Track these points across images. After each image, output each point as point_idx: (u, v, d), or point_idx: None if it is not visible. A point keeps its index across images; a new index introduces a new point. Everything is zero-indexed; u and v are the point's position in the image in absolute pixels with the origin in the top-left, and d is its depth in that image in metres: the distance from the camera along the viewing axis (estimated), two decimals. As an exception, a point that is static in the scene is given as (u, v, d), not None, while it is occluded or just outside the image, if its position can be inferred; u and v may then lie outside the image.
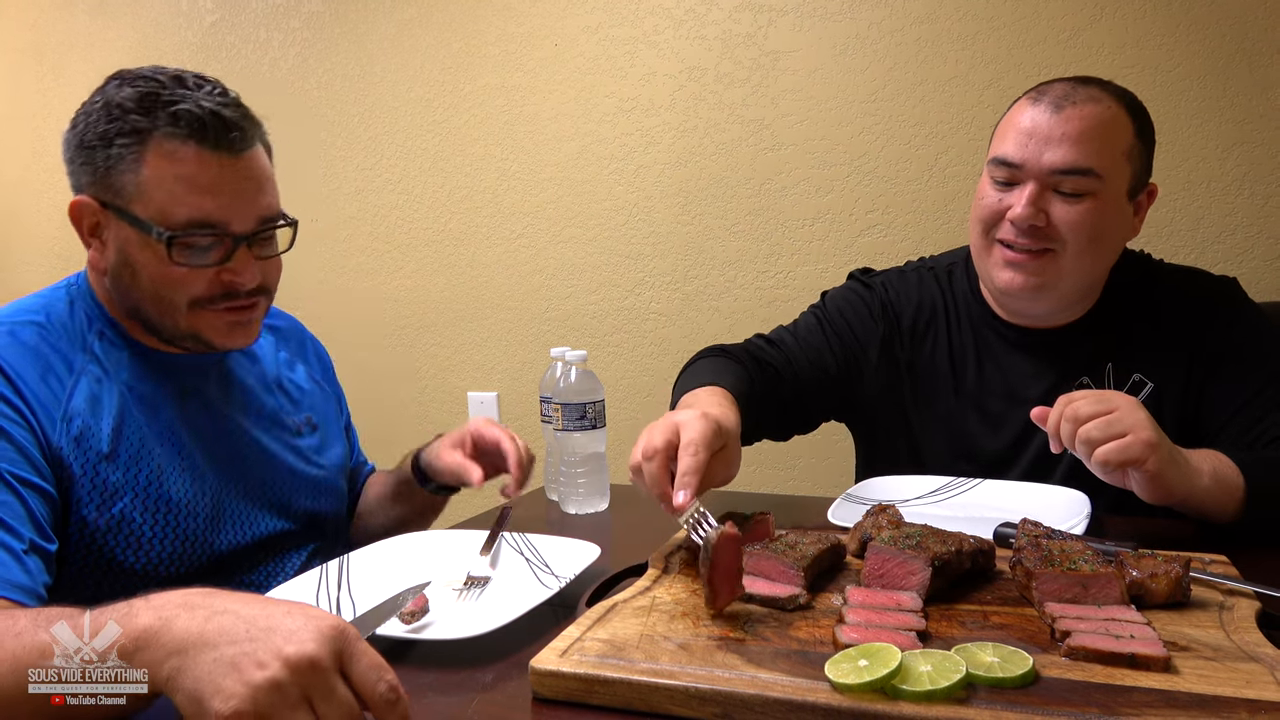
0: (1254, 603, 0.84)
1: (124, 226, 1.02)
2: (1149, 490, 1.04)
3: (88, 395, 1.02)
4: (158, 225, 1.00)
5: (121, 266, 1.03)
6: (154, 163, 0.99)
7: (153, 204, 1.00)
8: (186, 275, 1.02)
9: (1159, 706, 0.65)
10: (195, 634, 0.64)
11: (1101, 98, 1.22)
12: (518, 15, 2.31)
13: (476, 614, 0.90)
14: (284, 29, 2.55)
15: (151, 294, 1.03)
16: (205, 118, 1.00)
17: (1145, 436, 1.00)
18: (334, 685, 0.62)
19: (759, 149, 2.13)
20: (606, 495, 1.40)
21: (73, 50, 2.81)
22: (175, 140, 0.99)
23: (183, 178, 0.99)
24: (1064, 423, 1.03)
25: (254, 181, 1.04)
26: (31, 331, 1.03)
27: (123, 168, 1.00)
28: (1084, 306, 1.32)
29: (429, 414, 2.53)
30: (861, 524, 1.04)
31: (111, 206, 1.02)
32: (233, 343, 1.10)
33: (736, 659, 0.75)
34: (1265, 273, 1.84)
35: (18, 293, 1.16)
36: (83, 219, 1.04)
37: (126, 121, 1.00)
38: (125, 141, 1.00)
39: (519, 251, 2.39)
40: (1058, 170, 1.19)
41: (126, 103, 1.00)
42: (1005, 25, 1.93)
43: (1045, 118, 1.21)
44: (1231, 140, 1.83)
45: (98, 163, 1.01)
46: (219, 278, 1.04)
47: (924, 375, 1.40)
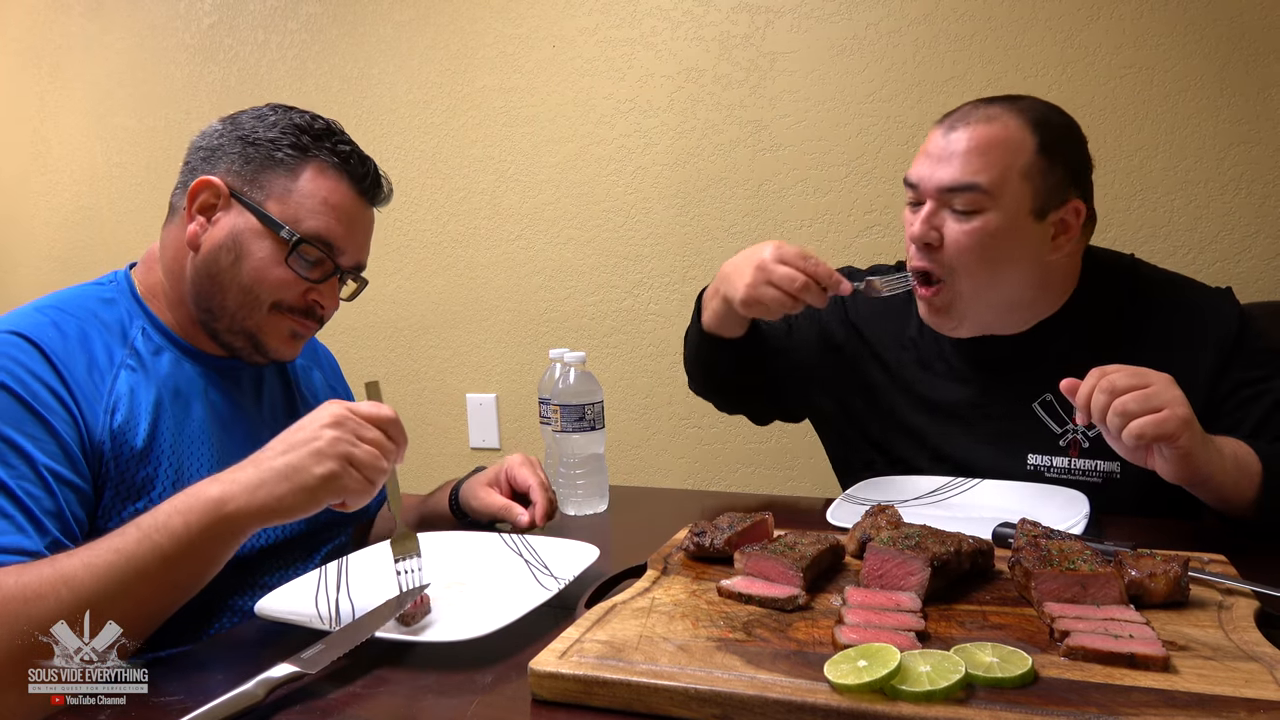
0: (1253, 602, 0.84)
1: (249, 217, 1.08)
2: (1176, 468, 1.03)
3: (128, 389, 1.04)
4: (289, 227, 1.08)
5: (226, 249, 1.08)
6: (308, 177, 1.10)
7: (291, 208, 1.09)
8: (285, 280, 1.09)
9: (1158, 706, 0.65)
10: (254, 472, 0.87)
11: (999, 115, 1.22)
12: (515, 17, 2.31)
13: (475, 616, 0.90)
14: (282, 31, 2.55)
15: (245, 285, 1.09)
16: (366, 164, 1.15)
17: (1181, 413, 0.99)
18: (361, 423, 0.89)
19: (757, 150, 2.13)
20: (605, 497, 1.40)
21: (70, 52, 2.81)
22: (333, 169, 1.11)
23: (327, 200, 1.10)
24: (1098, 394, 1.01)
25: (370, 232, 1.18)
26: (73, 323, 1.04)
27: (278, 171, 1.09)
28: (1039, 311, 1.29)
29: (427, 416, 2.53)
30: (860, 524, 1.05)
31: (243, 197, 1.09)
32: (283, 353, 1.15)
33: (736, 660, 0.75)
34: (1263, 272, 1.84)
35: (16, 295, 1.17)
36: (201, 194, 1.09)
37: (299, 138, 1.10)
38: (290, 152, 1.10)
39: (517, 253, 2.39)
40: (944, 188, 1.21)
41: (302, 123, 1.12)
42: (1002, 26, 1.93)
43: (940, 138, 1.23)
44: (1229, 140, 1.83)
45: (253, 155, 1.09)
46: (307, 295, 1.12)
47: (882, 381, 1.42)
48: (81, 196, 2.85)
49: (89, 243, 2.85)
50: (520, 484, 1.23)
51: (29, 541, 0.88)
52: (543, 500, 1.20)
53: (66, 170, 2.86)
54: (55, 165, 2.88)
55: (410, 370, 2.53)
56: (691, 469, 2.29)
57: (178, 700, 0.77)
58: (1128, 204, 1.89)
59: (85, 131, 2.82)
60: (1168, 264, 1.42)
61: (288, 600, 0.95)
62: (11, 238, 2.97)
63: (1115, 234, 1.89)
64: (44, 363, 0.97)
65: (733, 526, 1.02)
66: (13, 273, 2.97)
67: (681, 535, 1.09)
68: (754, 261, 1.23)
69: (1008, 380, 1.32)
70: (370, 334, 2.55)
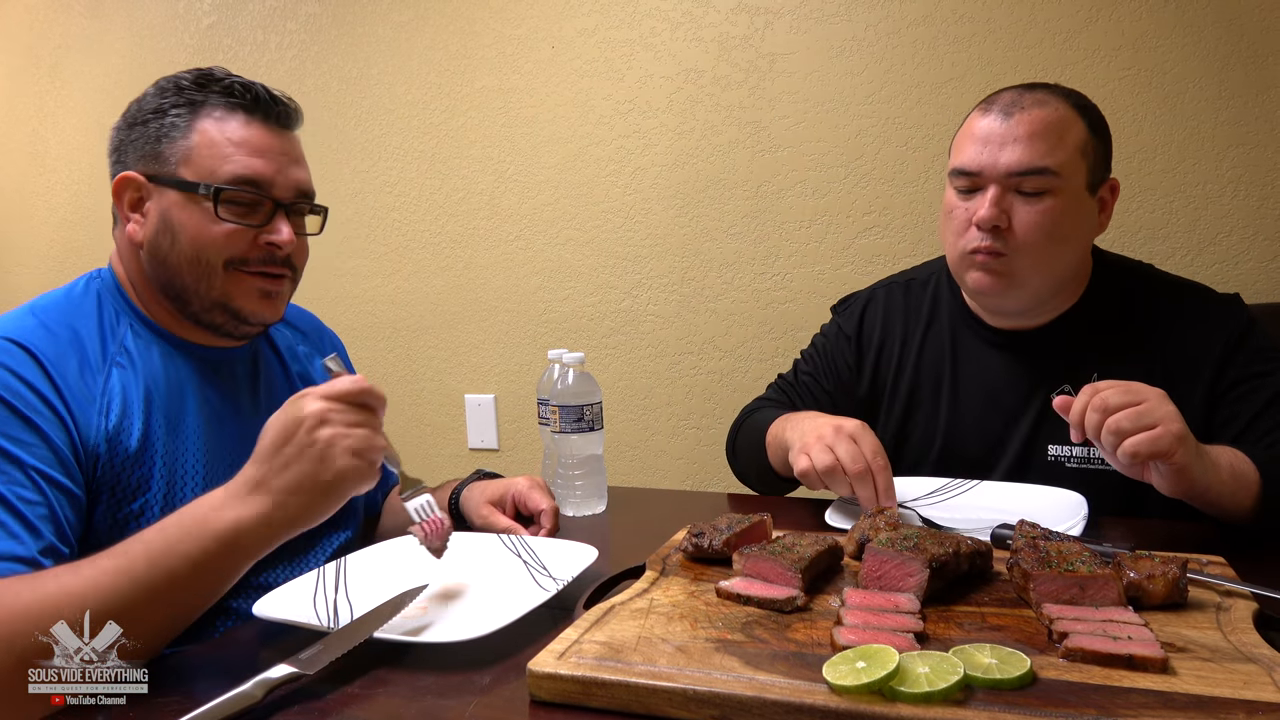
0: (1251, 604, 0.84)
1: (168, 193, 1.06)
2: (1172, 483, 1.04)
3: (120, 387, 1.03)
4: (204, 182, 1.05)
5: (161, 233, 1.06)
6: (204, 127, 1.06)
7: (201, 165, 1.05)
8: (228, 234, 1.06)
9: (1156, 707, 0.65)
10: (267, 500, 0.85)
11: (1048, 100, 1.27)
12: (514, 18, 2.31)
13: (474, 617, 0.90)
14: (281, 31, 2.55)
15: (190, 257, 1.06)
16: (256, 91, 1.09)
17: (1175, 429, 0.99)
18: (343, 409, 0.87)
19: (756, 151, 2.13)
20: (604, 497, 1.40)
21: (70, 53, 2.81)
22: (226, 109, 1.07)
23: (231, 140, 1.06)
24: (1090, 412, 1.02)
25: (294, 156, 1.12)
26: (64, 324, 1.03)
27: (174, 135, 1.06)
28: (1061, 304, 1.34)
29: (426, 416, 2.53)
30: (859, 526, 1.04)
31: (157, 177, 1.07)
32: (261, 313, 1.11)
33: (734, 661, 0.74)
34: (1262, 274, 1.84)
35: (15, 296, 1.17)
36: (124, 194, 1.08)
37: (182, 95, 1.07)
38: (178, 112, 1.06)
39: (516, 254, 2.39)
40: (1015, 172, 1.23)
41: (182, 80, 1.08)
42: (1001, 28, 1.93)
43: (998, 124, 1.26)
44: (1228, 142, 1.83)
45: (149, 134, 1.07)
46: (258, 240, 1.08)
47: (905, 384, 1.44)
48: (80, 197, 2.84)
49: (87, 243, 2.84)
50: (532, 508, 1.24)
51: (22, 548, 0.88)
52: (551, 525, 1.21)
53: (65, 170, 2.86)
54: (54, 165, 2.88)
55: (409, 371, 2.53)
56: (690, 470, 2.29)
57: (176, 701, 0.77)
58: (1127, 205, 1.89)
59: (84, 132, 2.82)
60: (1167, 265, 1.43)
61: (286, 601, 0.95)
62: (10, 238, 2.97)
63: (1115, 235, 1.89)
64: (35, 367, 0.97)
65: (731, 527, 1.02)
66: (11, 273, 2.97)
67: (680, 536, 1.09)
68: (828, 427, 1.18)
69: (1028, 374, 1.35)
70: (369, 334, 2.55)
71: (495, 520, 1.23)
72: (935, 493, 1.31)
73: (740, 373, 2.20)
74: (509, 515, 1.25)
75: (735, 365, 2.20)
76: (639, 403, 2.31)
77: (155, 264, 1.08)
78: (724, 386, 2.22)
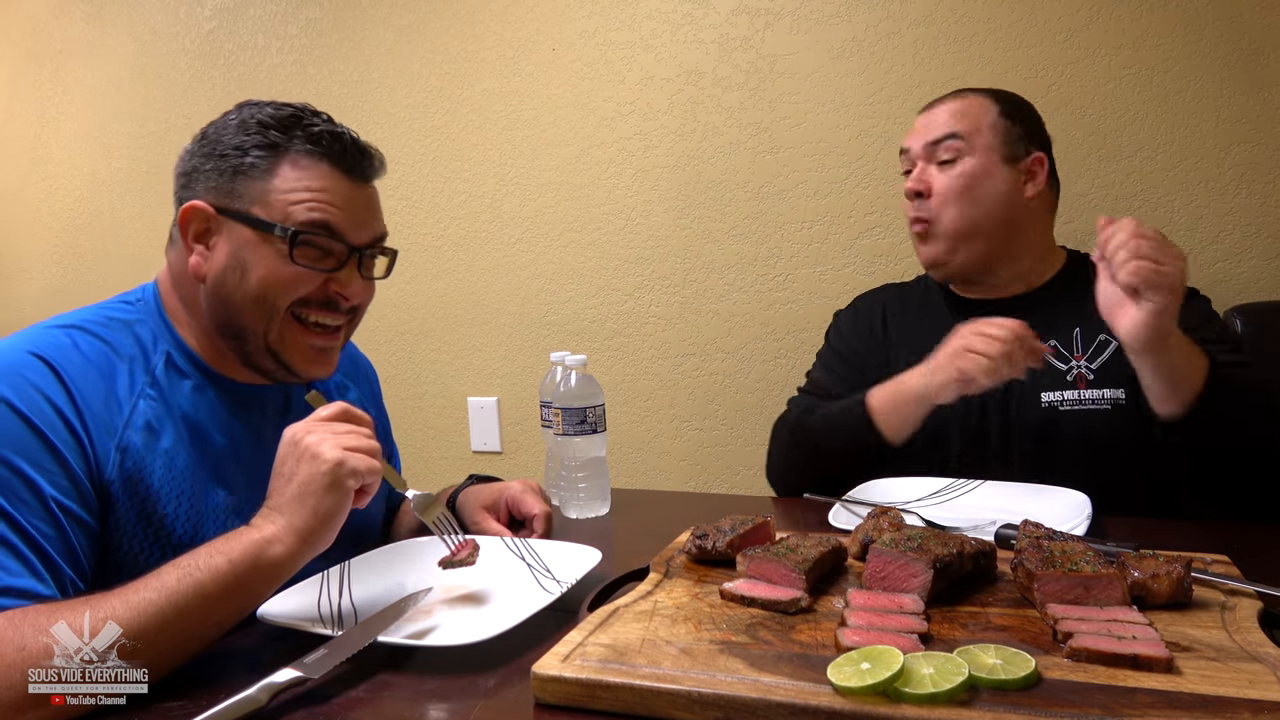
0: (1256, 603, 0.84)
1: (241, 229, 1.03)
2: (1150, 322, 1.14)
3: (144, 424, 1.00)
4: (281, 224, 1.02)
5: (230, 269, 1.04)
6: (285, 172, 1.03)
7: (278, 207, 1.03)
8: (298, 275, 1.04)
9: (1162, 707, 0.65)
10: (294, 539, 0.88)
11: (965, 94, 1.52)
12: (515, 20, 2.31)
13: (478, 620, 0.90)
14: (282, 36, 2.55)
15: (256, 295, 1.04)
16: (343, 140, 1.06)
17: (1178, 283, 1.13)
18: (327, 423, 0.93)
19: (757, 152, 2.13)
20: (607, 500, 1.40)
21: (71, 57, 2.82)
22: (310, 156, 1.04)
23: (311, 187, 1.04)
24: (1125, 230, 1.14)
25: (374, 208, 1.11)
26: (94, 343, 1.01)
27: (253, 174, 1.03)
28: (1031, 280, 1.51)
29: (429, 419, 2.53)
30: (862, 526, 1.05)
31: (229, 211, 1.04)
32: (310, 371, 1.10)
33: (738, 663, 0.74)
34: (1263, 272, 1.84)
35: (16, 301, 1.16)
36: (191, 223, 1.05)
37: (266, 136, 1.04)
38: (260, 153, 1.03)
39: (518, 256, 2.39)
40: (930, 141, 1.48)
41: (266, 119, 1.05)
42: (1002, 27, 1.93)
43: (925, 114, 1.53)
44: (1230, 140, 1.83)
45: (225, 168, 1.04)
46: (326, 286, 1.06)
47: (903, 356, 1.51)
48: (82, 201, 2.85)
49: (89, 248, 2.85)
50: (525, 512, 1.24)
51: (45, 588, 0.86)
52: (544, 529, 1.22)
53: (67, 175, 2.87)
54: (55, 170, 2.88)
55: (411, 374, 2.53)
56: (693, 471, 2.29)
57: (180, 705, 0.77)
58: (1128, 204, 1.89)
59: (85, 136, 2.82)
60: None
61: (290, 605, 0.95)
62: (12, 243, 2.97)
63: (1116, 234, 1.89)
64: (60, 389, 0.94)
65: (735, 529, 1.02)
66: (14, 278, 2.98)
67: (684, 538, 1.09)
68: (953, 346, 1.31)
69: None
70: (371, 338, 2.55)
71: (487, 526, 1.23)
72: (938, 493, 1.31)
73: (743, 374, 2.20)
74: (503, 520, 1.25)
75: (738, 366, 2.20)
76: (642, 405, 2.31)
77: (218, 300, 1.05)
78: (727, 388, 2.22)
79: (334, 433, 0.91)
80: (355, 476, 0.89)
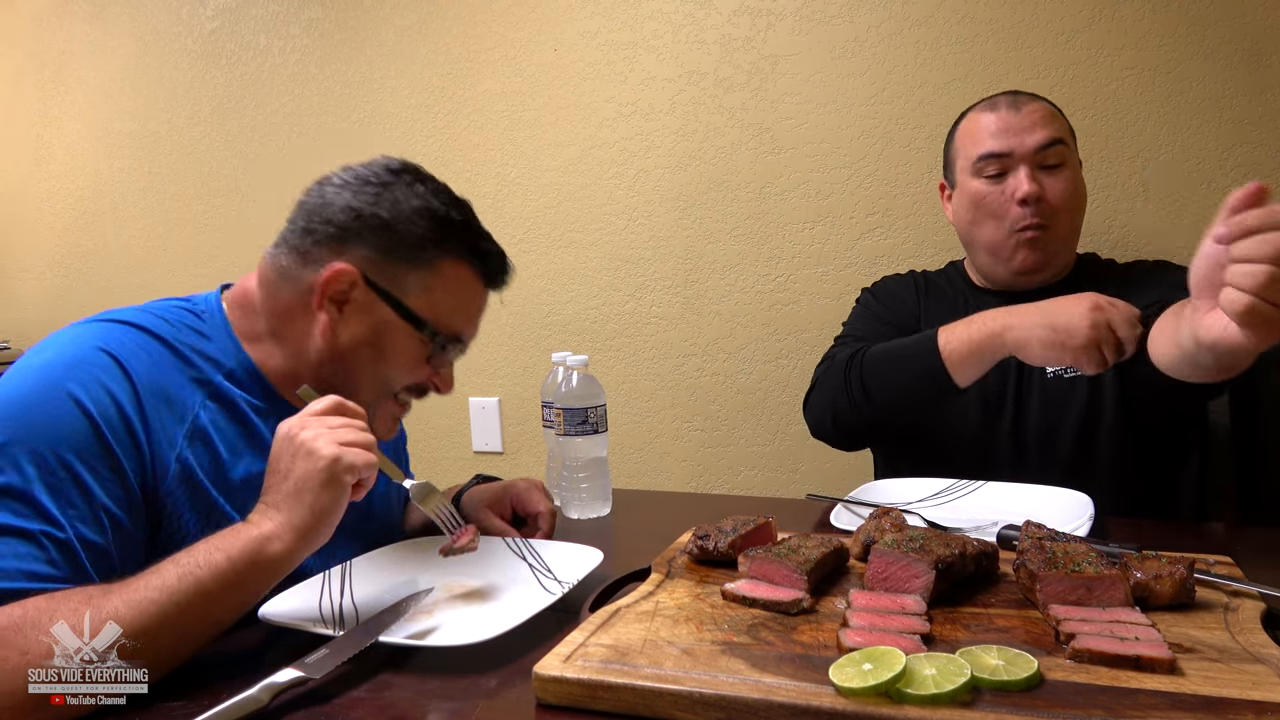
0: (1259, 604, 0.84)
1: (387, 310, 1.05)
2: (1232, 350, 0.91)
3: (205, 435, 0.99)
4: (434, 329, 1.07)
5: (367, 345, 1.05)
6: (447, 274, 1.07)
7: (432, 309, 1.06)
8: (423, 370, 1.10)
9: (1164, 709, 0.65)
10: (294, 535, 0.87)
11: (1035, 98, 1.52)
12: (517, 21, 2.31)
13: (480, 620, 0.90)
14: (284, 36, 2.55)
15: (384, 378, 1.08)
16: (503, 263, 1.14)
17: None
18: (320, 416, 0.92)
19: (759, 152, 2.13)
20: (609, 500, 1.40)
21: (73, 58, 2.82)
22: (470, 270, 1.10)
23: (464, 298, 1.11)
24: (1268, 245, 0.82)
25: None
26: (163, 352, 1.00)
27: (418, 264, 1.05)
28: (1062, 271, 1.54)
29: (430, 419, 2.53)
30: (864, 527, 1.04)
31: (382, 288, 1.04)
32: (382, 435, 1.11)
33: (740, 663, 0.74)
34: (1266, 273, 1.84)
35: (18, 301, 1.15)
36: (336, 284, 1.03)
37: (438, 231, 1.06)
38: (435, 252, 1.06)
39: (519, 256, 2.38)
40: (1040, 146, 1.45)
41: (441, 213, 1.07)
42: (1003, 28, 1.93)
43: (1012, 115, 1.48)
44: (1231, 141, 1.83)
45: (393, 243, 1.04)
46: (429, 378, 1.12)
47: None
48: (84, 201, 2.85)
49: (91, 247, 2.85)
50: (530, 509, 1.24)
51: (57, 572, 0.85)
52: (549, 527, 1.22)
53: (69, 175, 2.87)
54: (57, 170, 2.88)
55: (413, 374, 2.53)
56: (694, 472, 2.29)
57: (181, 705, 0.77)
58: (1130, 205, 1.89)
59: (87, 136, 2.83)
60: (1171, 265, 1.44)
61: (291, 605, 0.95)
62: (13, 242, 2.97)
63: (1118, 235, 1.89)
64: (130, 393, 0.93)
65: (736, 529, 1.02)
66: (15, 277, 2.98)
67: (685, 538, 1.09)
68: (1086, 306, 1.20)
69: None
70: (373, 338, 2.55)
71: (490, 524, 1.23)
72: (940, 494, 1.31)
73: (744, 374, 2.20)
74: (507, 517, 1.25)
75: (739, 367, 2.20)
76: (643, 405, 2.31)
77: (338, 364, 1.05)
78: (728, 388, 2.22)
79: (329, 427, 0.90)
80: (352, 472, 0.89)
